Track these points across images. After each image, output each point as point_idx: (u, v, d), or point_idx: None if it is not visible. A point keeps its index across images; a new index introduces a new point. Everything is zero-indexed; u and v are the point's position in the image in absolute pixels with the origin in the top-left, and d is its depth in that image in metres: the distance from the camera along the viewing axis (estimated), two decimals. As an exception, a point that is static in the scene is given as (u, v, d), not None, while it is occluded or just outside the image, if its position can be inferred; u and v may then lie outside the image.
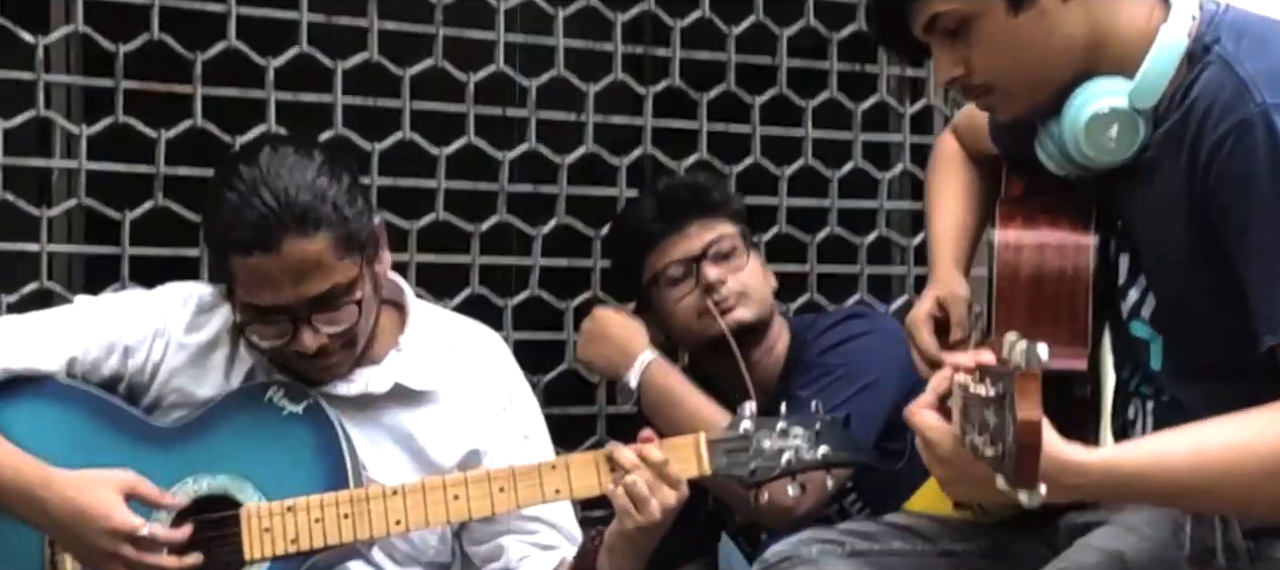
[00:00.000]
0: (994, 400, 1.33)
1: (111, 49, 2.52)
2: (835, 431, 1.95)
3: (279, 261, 1.91)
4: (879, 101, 3.10)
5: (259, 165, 1.94)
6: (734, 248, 2.42)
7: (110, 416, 2.03)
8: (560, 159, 2.83)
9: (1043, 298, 1.70)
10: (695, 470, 1.95)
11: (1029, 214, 1.76)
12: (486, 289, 2.79)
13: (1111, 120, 1.62)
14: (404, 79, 2.70)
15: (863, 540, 1.82)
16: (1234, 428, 1.48)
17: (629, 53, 2.91)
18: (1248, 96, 1.52)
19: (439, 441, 2.11)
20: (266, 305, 1.95)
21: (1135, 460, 1.47)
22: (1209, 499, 1.51)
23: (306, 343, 1.97)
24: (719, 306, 2.39)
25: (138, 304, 2.12)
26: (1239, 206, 1.52)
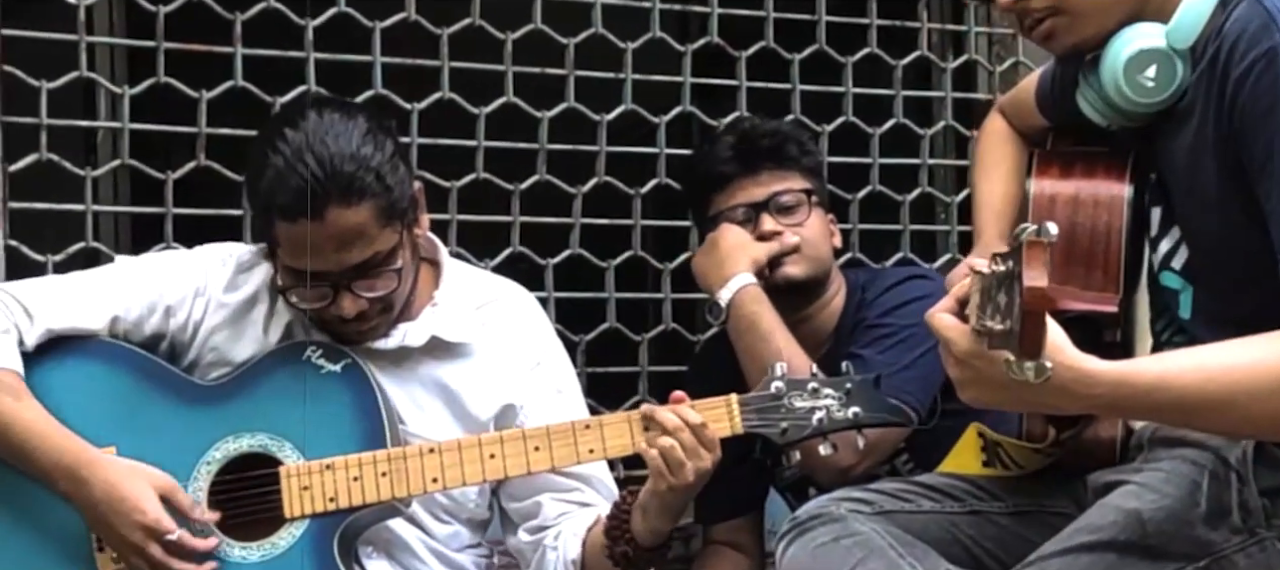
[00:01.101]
0: (1005, 277, 1.37)
1: (153, 10, 2.56)
2: (866, 391, 1.98)
3: (323, 229, 1.94)
4: (920, 57, 3.09)
5: (304, 129, 1.97)
6: (798, 203, 2.43)
7: (153, 375, 2.08)
8: (599, 117, 2.85)
9: (1076, 242, 1.73)
10: (727, 429, 1.99)
11: (1066, 163, 1.79)
12: (527, 248, 2.81)
13: (1149, 60, 1.66)
14: (442, 38, 2.72)
15: (892, 500, 1.84)
16: (1246, 348, 1.51)
17: (667, 10, 2.92)
18: (1273, 27, 1.55)
19: (475, 394, 2.15)
20: (308, 270, 1.99)
21: (1147, 374, 1.50)
22: (1218, 416, 1.52)
23: (346, 308, 2.02)
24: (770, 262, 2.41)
25: (178, 263, 2.17)
26: (1262, 137, 1.55)
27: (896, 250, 3.06)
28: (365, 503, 2.01)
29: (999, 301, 1.38)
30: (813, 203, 2.45)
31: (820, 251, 2.45)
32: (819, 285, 2.46)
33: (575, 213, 2.84)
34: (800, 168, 2.47)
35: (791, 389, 1.98)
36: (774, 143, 2.46)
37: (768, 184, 2.43)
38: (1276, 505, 1.62)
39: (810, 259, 2.43)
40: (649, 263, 2.92)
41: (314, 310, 2.05)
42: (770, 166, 2.44)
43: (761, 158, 2.45)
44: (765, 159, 2.45)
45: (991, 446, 1.85)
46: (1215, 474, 1.64)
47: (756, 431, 1.99)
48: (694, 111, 2.94)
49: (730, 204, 2.45)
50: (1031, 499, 1.84)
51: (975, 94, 3.18)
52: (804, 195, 2.44)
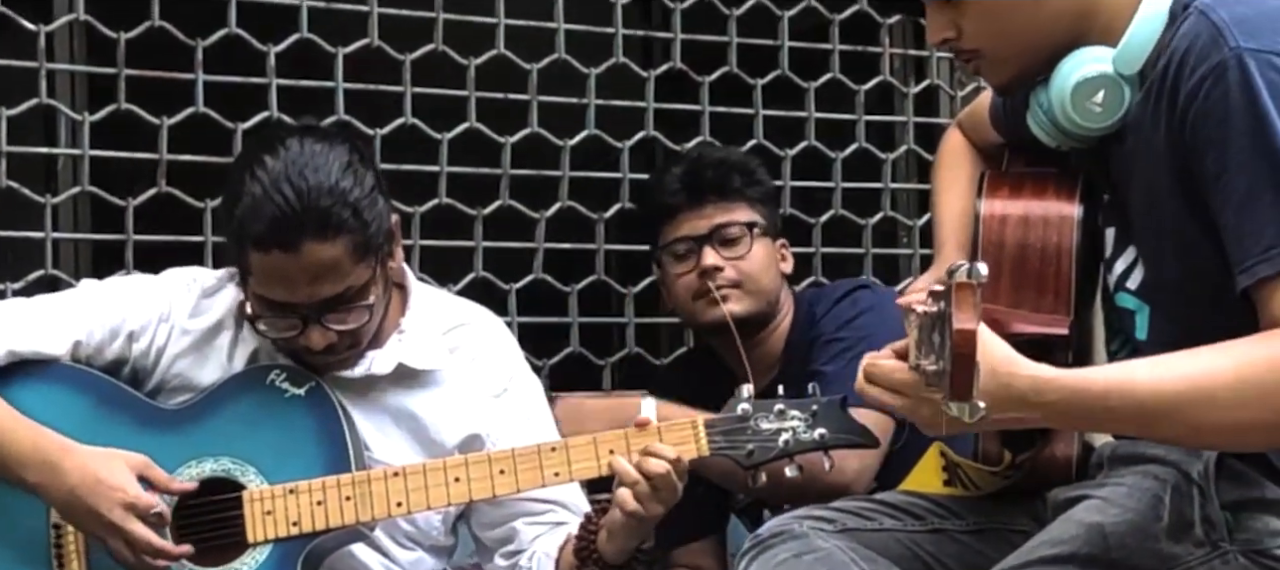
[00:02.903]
0: (938, 317, 1.39)
1: (113, 36, 2.58)
2: (832, 412, 2.00)
3: (297, 262, 1.95)
4: (882, 82, 3.14)
5: (284, 158, 1.97)
6: (741, 236, 2.47)
7: (115, 399, 2.09)
8: (562, 142, 2.88)
9: (1026, 263, 1.74)
10: (694, 452, 2.01)
11: (1015, 184, 1.81)
12: (490, 273, 2.84)
13: (1097, 86, 1.68)
14: (405, 64, 2.75)
15: (854, 517, 1.87)
16: (1199, 357, 1.53)
17: (630, 35, 2.96)
18: (1222, 41, 1.57)
19: (441, 422, 2.16)
20: (279, 301, 2.01)
21: (1101, 383, 1.52)
22: (1171, 424, 1.54)
23: (315, 341, 2.03)
24: (709, 298, 2.46)
25: (142, 289, 2.17)
26: (1215, 150, 1.57)
27: (859, 273, 3.09)
28: (329, 527, 2.02)
29: (933, 341, 1.40)
30: (755, 235, 2.49)
31: (762, 284, 2.49)
32: (765, 317, 2.50)
33: (538, 237, 2.87)
34: (745, 198, 2.51)
35: (758, 411, 2.00)
36: (718, 175, 2.51)
37: (711, 216, 2.48)
38: (1238, 518, 1.65)
39: (752, 294, 2.48)
40: (612, 287, 2.95)
41: (282, 339, 2.06)
42: (714, 199, 2.49)
43: (706, 190, 2.49)
44: (709, 191, 2.49)
45: (952, 466, 1.89)
46: (1177, 488, 1.66)
47: (723, 454, 2.01)
48: (657, 137, 2.97)
49: (674, 236, 2.51)
50: (992, 517, 1.87)
51: (937, 119, 3.22)
52: (746, 228, 2.48)
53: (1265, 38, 1.56)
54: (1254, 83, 1.54)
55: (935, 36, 1.75)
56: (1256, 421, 1.52)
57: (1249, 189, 1.55)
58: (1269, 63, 1.55)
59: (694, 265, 2.47)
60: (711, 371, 2.60)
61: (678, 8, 2.96)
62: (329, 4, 2.71)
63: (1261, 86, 1.54)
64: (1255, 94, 1.54)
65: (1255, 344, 1.52)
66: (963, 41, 1.73)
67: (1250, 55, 1.55)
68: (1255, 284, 1.55)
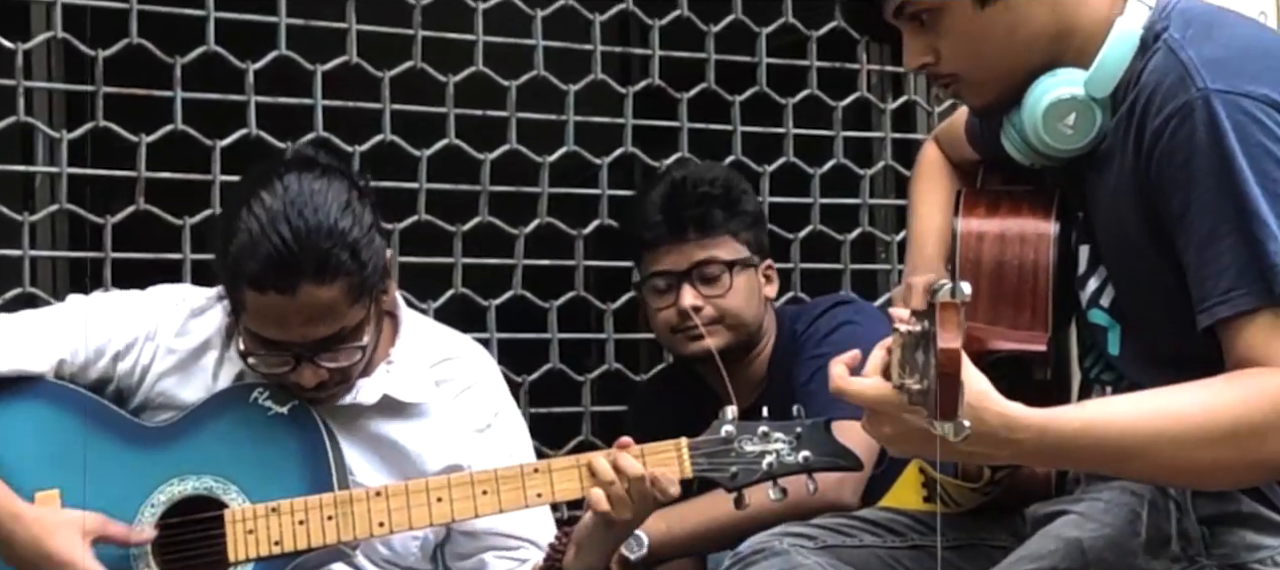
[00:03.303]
0: (921, 337, 1.40)
1: (91, 54, 2.58)
2: (817, 435, 2.01)
3: (293, 304, 1.95)
4: (860, 98, 3.16)
5: (282, 196, 1.94)
6: (720, 274, 2.46)
7: (98, 417, 2.09)
8: (541, 159, 2.89)
9: (1004, 281, 1.76)
10: (677, 473, 2.02)
11: (992, 202, 1.82)
12: (469, 290, 2.85)
13: (1068, 109, 1.70)
14: (383, 81, 2.76)
15: (834, 534, 1.88)
16: (1171, 396, 1.55)
17: (608, 52, 2.97)
18: (1189, 81, 1.59)
19: (424, 453, 2.17)
20: (273, 339, 2.01)
21: (1072, 422, 1.53)
22: (1141, 463, 1.56)
23: (306, 379, 2.03)
24: (688, 333, 2.46)
25: (128, 306, 2.17)
26: (1180, 191, 1.59)
27: (838, 289, 3.11)
28: (310, 547, 2.03)
29: (916, 360, 1.41)
30: (735, 272, 2.46)
31: (743, 318, 2.48)
32: (746, 346, 2.51)
33: (517, 254, 2.88)
34: (728, 231, 2.48)
35: (742, 433, 2.00)
36: (700, 212, 2.46)
37: (691, 252, 2.46)
38: (1216, 533, 1.66)
39: (732, 328, 2.47)
40: (592, 303, 2.96)
41: (272, 376, 2.06)
42: (695, 235, 2.46)
43: (686, 225, 2.47)
44: (690, 226, 2.47)
45: (932, 483, 1.90)
46: (1155, 503, 1.68)
47: (707, 475, 2.01)
48: (636, 153, 2.99)
49: (654, 269, 2.50)
50: (971, 533, 1.88)
51: (915, 135, 3.24)
52: (726, 267, 2.46)
53: (1232, 78, 1.58)
54: (1220, 124, 1.56)
55: (913, 61, 1.76)
56: (1225, 462, 1.54)
57: (1212, 229, 1.57)
58: (1235, 104, 1.57)
59: (673, 301, 2.47)
60: (692, 388, 2.60)
61: (656, 25, 2.98)
62: (307, 21, 2.72)
63: (1227, 127, 1.56)
64: (1221, 135, 1.56)
65: (1223, 385, 1.54)
66: (941, 66, 1.75)
67: (1217, 96, 1.57)
68: (1216, 324, 1.57)
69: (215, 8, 2.63)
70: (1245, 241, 1.55)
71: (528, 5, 2.88)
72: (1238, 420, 1.52)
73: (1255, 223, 1.55)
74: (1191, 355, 1.61)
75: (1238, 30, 1.68)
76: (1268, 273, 1.54)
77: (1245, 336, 1.55)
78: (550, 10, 2.89)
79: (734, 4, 3.03)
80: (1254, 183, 1.55)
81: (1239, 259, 1.55)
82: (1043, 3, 1.70)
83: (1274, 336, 1.54)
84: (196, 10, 2.64)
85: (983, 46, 1.71)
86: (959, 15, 1.70)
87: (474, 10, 2.82)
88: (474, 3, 2.82)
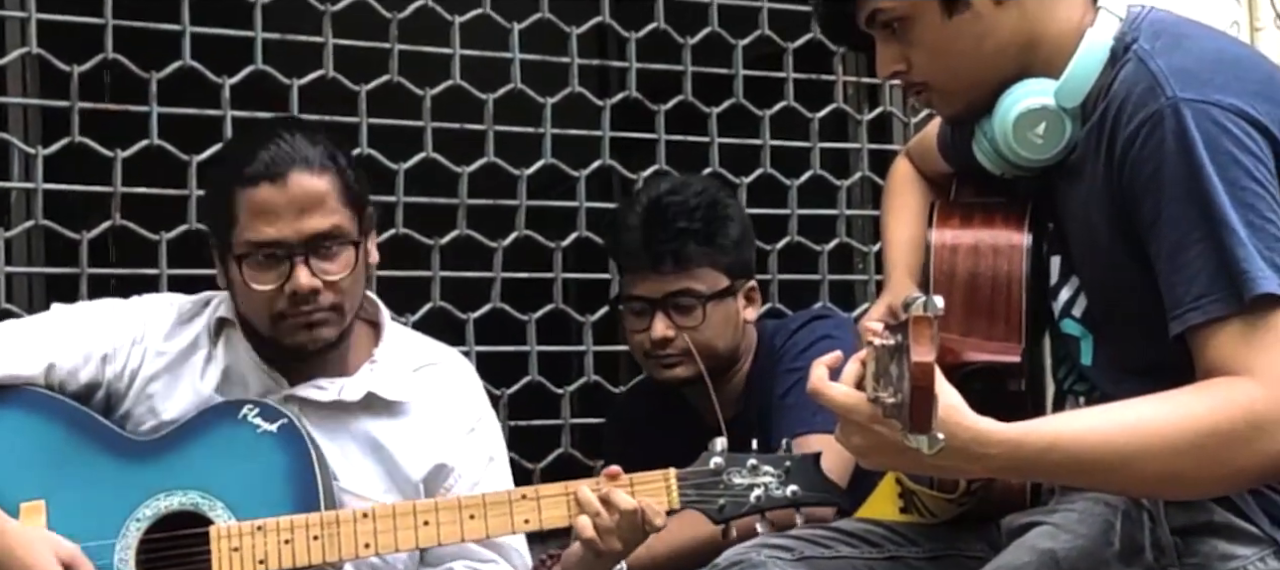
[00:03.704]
0: (895, 350, 1.41)
1: (66, 70, 2.58)
2: (805, 470, 2.02)
3: (284, 193, 2.03)
4: (836, 109, 3.18)
5: (267, 127, 2.15)
6: (694, 306, 2.45)
7: (86, 429, 2.09)
8: (519, 172, 2.90)
9: (977, 292, 1.77)
10: (665, 505, 2.03)
11: (965, 214, 1.83)
12: (448, 303, 2.85)
13: (1038, 118, 1.71)
14: (360, 95, 2.77)
15: (811, 546, 1.88)
16: (1142, 408, 1.56)
17: (585, 65, 2.98)
18: (1158, 91, 1.60)
19: (408, 453, 2.18)
20: (267, 240, 2.04)
21: (1043, 436, 1.54)
22: (1112, 475, 1.57)
23: (302, 281, 2.05)
24: (660, 362, 2.47)
25: (116, 311, 2.19)
26: (1150, 199, 1.60)
27: (816, 300, 3.13)
28: (295, 566, 2.02)
29: (891, 373, 1.42)
30: (710, 306, 2.45)
31: (716, 348, 2.47)
32: (721, 370, 2.50)
33: (496, 266, 2.89)
34: (706, 263, 2.46)
35: (731, 465, 2.02)
36: (676, 246, 2.44)
37: (666, 282, 2.45)
38: (1188, 543, 1.67)
39: (706, 357, 2.44)
40: (570, 316, 2.97)
41: (267, 293, 2.06)
42: (671, 266, 2.44)
43: (663, 257, 2.45)
44: (667, 258, 2.45)
45: (908, 494, 1.91)
46: (1128, 514, 1.69)
47: (694, 506, 2.03)
48: (614, 165, 3.00)
49: (631, 293, 2.50)
50: (947, 543, 1.89)
51: (891, 145, 3.26)
52: (700, 301, 2.45)
53: (1201, 88, 1.59)
54: (1189, 133, 1.57)
55: (885, 70, 1.78)
56: (1197, 472, 1.55)
57: (1182, 238, 1.58)
58: (1205, 113, 1.58)
59: (647, 326, 2.47)
60: (671, 401, 2.61)
61: (633, 37, 2.99)
62: (283, 36, 2.72)
63: (1197, 136, 1.57)
64: (1190, 144, 1.57)
65: (1192, 396, 1.56)
66: (912, 74, 1.76)
67: (1186, 105, 1.58)
68: (1187, 331, 1.59)
69: (191, 22, 2.64)
70: (1215, 249, 1.56)
71: (505, 19, 2.89)
72: (1209, 430, 1.53)
73: (1225, 230, 1.56)
74: (1164, 364, 1.62)
75: (1206, 42, 1.70)
76: (1238, 279, 1.55)
77: (1215, 344, 1.56)
78: (527, 23, 2.90)
79: (710, 16, 3.05)
80: (1223, 191, 1.56)
81: (1209, 266, 1.56)
82: (1011, 13, 1.71)
83: (1243, 344, 1.55)
84: (172, 25, 2.64)
85: (951, 55, 1.73)
86: (928, 24, 1.72)
87: (451, 24, 2.83)
88: (451, 16, 2.83)
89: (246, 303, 2.10)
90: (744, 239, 2.54)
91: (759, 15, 3.08)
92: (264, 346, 2.15)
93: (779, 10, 3.11)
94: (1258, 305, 1.54)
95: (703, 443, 2.33)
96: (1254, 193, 1.57)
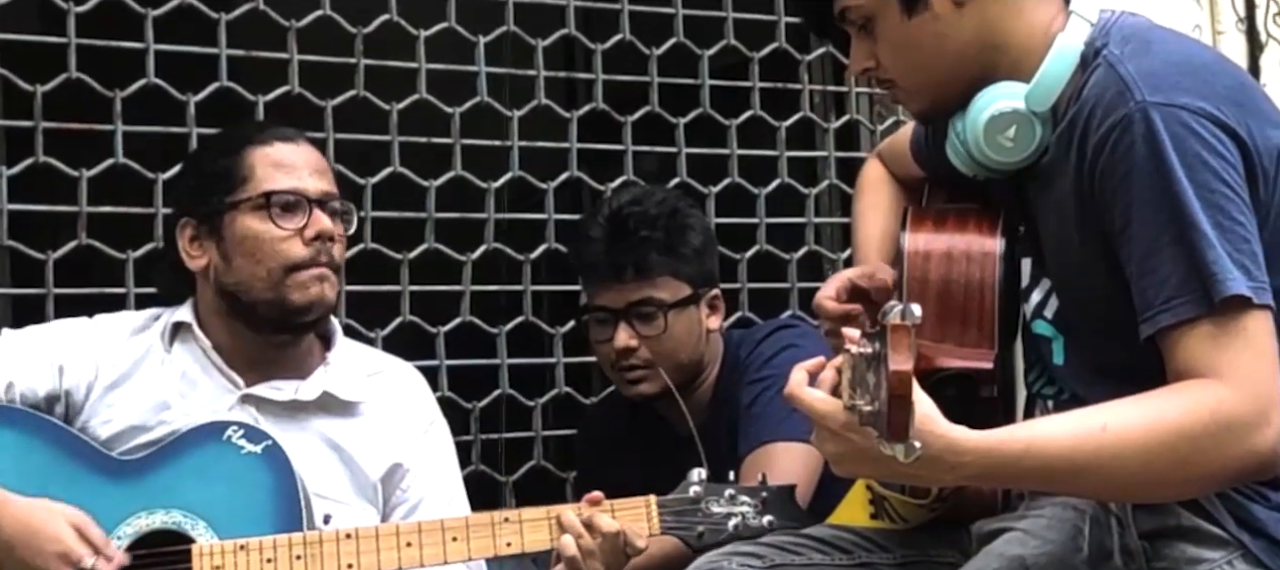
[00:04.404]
0: (872, 358, 1.41)
1: (30, 90, 2.56)
2: (781, 500, 2.06)
3: (299, 152, 2.20)
4: (803, 118, 3.19)
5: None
6: (656, 315, 2.46)
7: (68, 447, 2.09)
8: (487, 185, 2.89)
9: (950, 298, 1.78)
10: (645, 530, 2.06)
11: (938, 220, 1.85)
12: (417, 317, 2.84)
13: (1009, 122, 1.73)
14: (326, 110, 2.76)
15: (782, 553, 1.89)
16: (1114, 412, 1.57)
17: (552, 77, 2.99)
18: (1128, 95, 1.62)
19: (365, 452, 2.21)
20: (288, 187, 2.15)
21: (1016, 442, 1.55)
22: (1084, 480, 1.58)
23: (325, 224, 2.15)
24: (626, 373, 2.48)
25: (70, 327, 2.22)
26: (1120, 202, 1.62)
27: (785, 308, 3.13)
28: (278, 585, 2.03)
29: (867, 382, 1.43)
30: (672, 314, 2.47)
31: (679, 358, 2.49)
32: (686, 381, 2.51)
33: (465, 280, 2.88)
34: (668, 272, 2.48)
35: (709, 494, 2.06)
36: (638, 255, 2.46)
37: (628, 292, 2.47)
38: (1156, 547, 1.68)
39: (670, 369, 2.46)
40: (541, 328, 2.96)
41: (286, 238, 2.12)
42: (633, 276, 2.46)
43: (625, 267, 2.47)
44: (629, 267, 2.47)
45: (879, 500, 1.92)
46: (1096, 519, 1.70)
47: (674, 533, 2.06)
48: (582, 176, 3.00)
49: (594, 303, 2.53)
50: (919, 550, 1.90)
51: (858, 153, 3.27)
52: (662, 309, 2.46)
53: (1170, 92, 1.61)
54: (1158, 136, 1.59)
55: (856, 65, 1.82)
56: (1168, 475, 1.57)
57: (1153, 240, 1.59)
58: (1174, 116, 1.59)
59: (610, 336, 2.48)
60: (640, 413, 2.62)
61: (598, 49, 2.99)
62: (248, 53, 2.72)
63: (1166, 139, 1.59)
64: (1159, 146, 1.59)
65: (1162, 399, 1.57)
66: (880, 71, 1.80)
67: (1155, 109, 1.60)
68: (1158, 333, 1.60)
69: (155, 40, 2.63)
70: (1185, 252, 1.57)
71: (470, 32, 2.89)
72: (1179, 434, 1.54)
73: (1195, 233, 1.57)
74: (1135, 366, 1.63)
75: (1175, 47, 1.71)
76: (1207, 282, 1.56)
77: (1186, 346, 1.58)
78: (493, 36, 2.90)
79: (676, 27, 3.05)
80: (1192, 194, 1.58)
81: (1179, 269, 1.58)
82: (971, 15, 1.73)
83: (1213, 346, 1.56)
84: (136, 43, 2.62)
85: (913, 53, 1.76)
86: (889, 23, 1.75)
87: (416, 38, 2.83)
88: (416, 30, 2.83)
89: (257, 258, 2.14)
90: (706, 248, 2.55)
91: (724, 25, 3.09)
92: (222, 345, 2.18)
93: (744, 20, 3.12)
94: (1227, 307, 1.56)
95: (673, 452, 2.35)
96: (1223, 195, 1.58)
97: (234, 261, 2.15)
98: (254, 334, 2.19)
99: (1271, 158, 1.63)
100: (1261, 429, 1.55)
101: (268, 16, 2.72)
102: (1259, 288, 1.57)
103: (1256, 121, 1.63)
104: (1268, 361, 1.57)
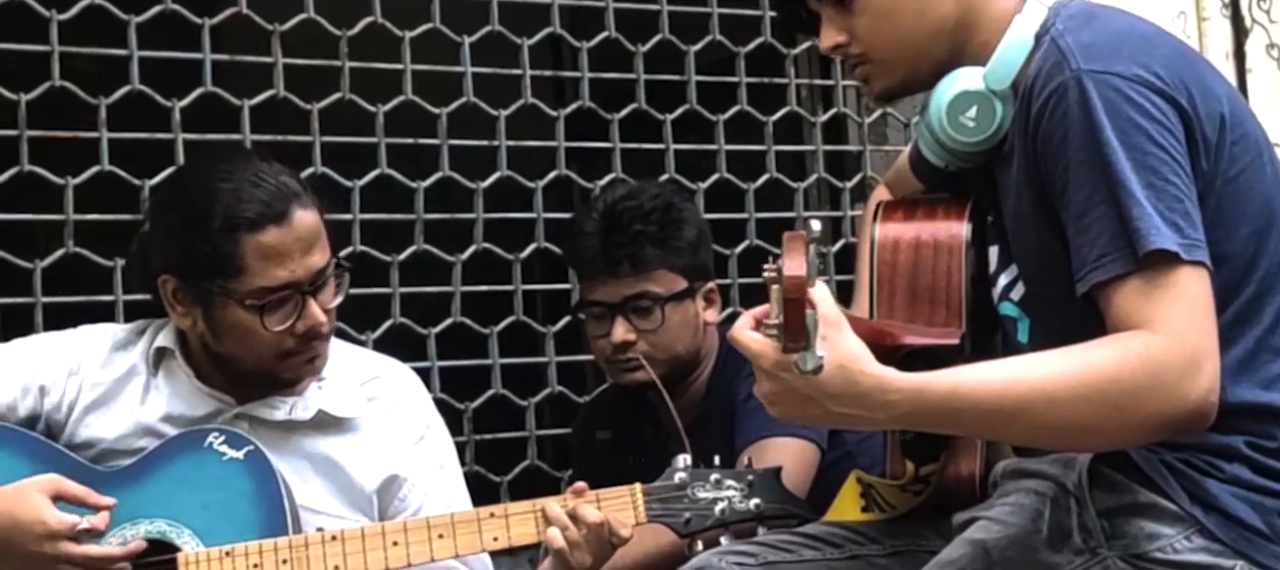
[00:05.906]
0: (777, 275, 1.45)
1: (14, 98, 2.56)
2: (768, 484, 2.05)
3: (291, 232, 2.05)
4: (790, 112, 3.19)
5: (233, 163, 2.10)
6: (652, 308, 2.46)
7: (51, 462, 2.08)
8: (475, 185, 2.88)
9: (919, 281, 1.81)
10: (632, 519, 2.06)
11: (908, 209, 1.88)
12: (408, 319, 2.83)
13: (970, 102, 1.77)
14: (313, 113, 2.75)
15: (774, 551, 1.90)
16: (1045, 360, 1.62)
17: (538, 76, 2.98)
18: (1065, 64, 1.67)
19: (360, 467, 2.19)
20: (279, 284, 2.05)
21: (944, 383, 1.59)
22: (1019, 426, 1.63)
23: (318, 317, 2.08)
24: (621, 366, 2.48)
25: (50, 344, 2.20)
26: (1058, 167, 1.66)
27: (777, 303, 3.09)
28: (264, 590, 2.02)
29: (778, 302, 1.46)
30: (669, 307, 2.47)
31: (675, 351, 2.49)
32: (681, 374, 2.52)
33: (455, 281, 2.88)
34: (664, 265, 2.48)
35: (695, 480, 2.05)
36: (633, 249, 2.47)
37: (624, 286, 2.47)
38: (1114, 525, 1.70)
39: (664, 361, 2.47)
40: (533, 327, 2.95)
41: (280, 334, 2.06)
42: (628, 270, 2.47)
43: (620, 261, 2.47)
44: (624, 261, 2.47)
45: (868, 490, 1.93)
46: (1055, 500, 1.72)
47: (660, 520, 2.05)
48: (570, 175, 3.00)
49: (589, 299, 2.53)
50: (907, 539, 1.91)
51: (846, 146, 3.27)
52: (656, 304, 2.46)
53: (1105, 60, 1.66)
54: (1091, 100, 1.63)
55: (828, 42, 1.84)
56: (1100, 421, 1.59)
57: (1086, 201, 1.64)
58: (1107, 82, 1.64)
59: (607, 331, 2.48)
60: (634, 407, 2.61)
61: (584, 47, 2.99)
62: (233, 57, 2.71)
63: (1097, 103, 1.63)
64: (1091, 110, 1.63)
65: (1096, 347, 1.60)
66: (852, 47, 1.82)
67: (1089, 76, 1.65)
68: (1093, 290, 1.63)
69: (139, 47, 2.61)
70: (1115, 210, 1.61)
71: (455, 32, 2.88)
72: (1111, 379, 1.57)
73: (1124, 192, 1.61)
74: None
75: (1114, 20, 1.76)
76: (1134, 238, 1.60)
77: (1118, 301, 1.61)
78: (478, 36, 2.90)
79: (661, 24, 3.05)
80: (1124, 155, 1.62)
81: (1110, 228, 1.61)
82: None
83: (1145, 299, 1.59)
84: (120, 50, 2.62)
85: (893, 27, 1.79)
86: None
87: (401, 39, 2.82)
88: (401, 32, 2.82)
89: (247, 345, 2.09)
90: (700, 241, 2.56)
91: (710, 21, 3.09)
92: (206, 373, 2.15)
93: (729, 15, 3.12)
94: (1154, 261, 1.60)
95: (667, 447, 2.32)
96: (1156, 158, 1.62)
97: (223, 340, 2.11)
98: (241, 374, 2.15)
99: (1213, 125, 1.67)
100: (1193, 377, 1.58)
101: (251, 21, 2.72)
102: (1190, 245, 1.60)
103: (1198, 90, 1.68)
104: (1200, 314, 1.60)
